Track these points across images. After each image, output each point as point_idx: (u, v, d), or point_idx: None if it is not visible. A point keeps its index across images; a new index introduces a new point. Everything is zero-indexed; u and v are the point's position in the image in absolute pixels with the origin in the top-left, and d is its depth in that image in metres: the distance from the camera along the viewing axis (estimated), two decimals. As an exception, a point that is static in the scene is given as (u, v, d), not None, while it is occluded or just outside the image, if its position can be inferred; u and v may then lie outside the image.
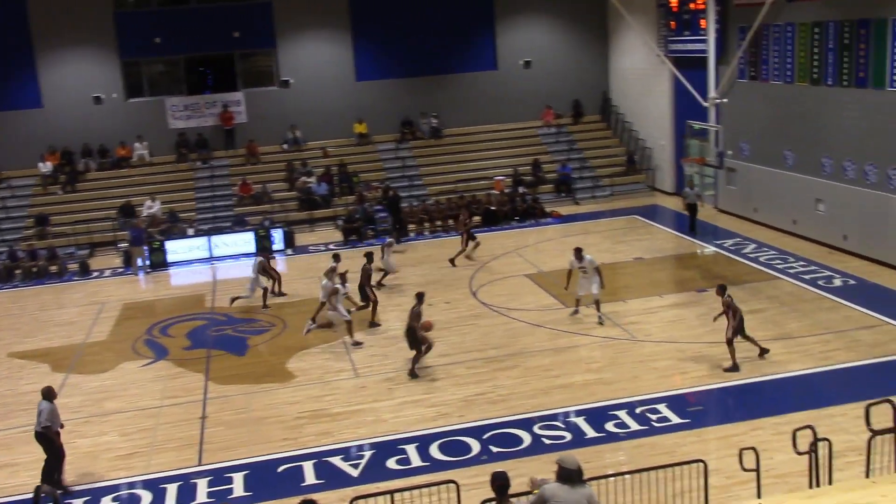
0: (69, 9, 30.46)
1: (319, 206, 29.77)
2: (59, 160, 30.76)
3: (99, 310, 21.66)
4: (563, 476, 7.86)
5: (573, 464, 7.89)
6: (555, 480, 7.93)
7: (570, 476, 7.83)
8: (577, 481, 7.85)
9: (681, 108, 29.28)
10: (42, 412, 12.53)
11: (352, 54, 32.78)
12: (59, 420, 12.72)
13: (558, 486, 7.84)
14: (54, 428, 12.59)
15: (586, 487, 7.90)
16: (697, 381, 14.92)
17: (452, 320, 19.01)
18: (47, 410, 12.55)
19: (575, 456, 8.00)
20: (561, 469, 7.89)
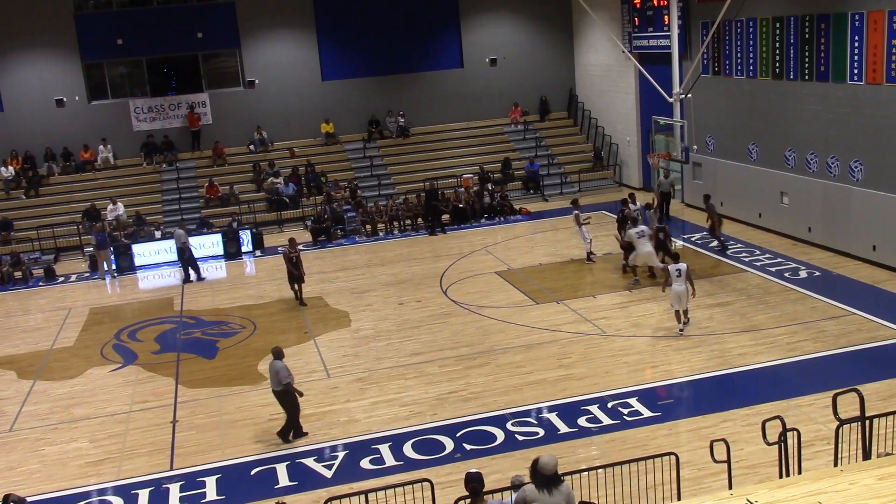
0: (28, 11, 30.03)
1: (287, 206, 29.63)
2: (21, 164, 30.34)
3: (65, 315, 21.40)
4: (541, 482, 7.80)
5: (551, 469, 7.81)
6: (531, 482, 7.87)
7: (546, 481, 7.78)
8: (556, 483, 7.82)
9: (646, 104, 29.51)
10: (280, 371, 13.32)
11: (317, 54, 32.65)
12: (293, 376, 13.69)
13: (535, 490, 7.78)
14: (293, 382, 13.59)
15: (563, 486, 7.89)
16: (668, 375, 15.05)
17: (424, 319, 19.02)
18: (284, 368, 13.40)
19: (553, 458, 7.93)
20: (539, 475, 7.81)
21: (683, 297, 16.59)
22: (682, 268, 16.64)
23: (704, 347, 16.05)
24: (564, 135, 34.28)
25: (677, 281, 16.55)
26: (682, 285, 16.54)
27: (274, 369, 13.44)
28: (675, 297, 16.64)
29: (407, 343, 17.61)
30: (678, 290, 16.55)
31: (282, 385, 13.39)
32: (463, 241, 25.99)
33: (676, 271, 16.59)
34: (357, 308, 20.16)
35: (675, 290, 16.61)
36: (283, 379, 13.36)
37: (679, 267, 16.65)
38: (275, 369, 13.43)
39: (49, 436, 14.59)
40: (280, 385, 13.39)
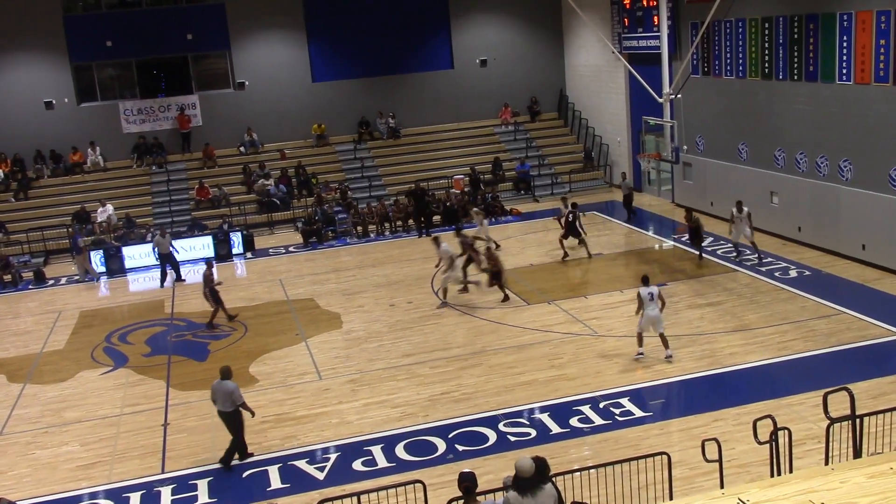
0: (17, 12, 29.91)
1: (278, 208, 29.58)
2: (10, 167, 30.21)
3: (56, 318, 21.31)
4: (520, 485, 7.72)
5: (528, 471, 7.73)
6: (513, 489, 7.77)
7: (527, 484, 7.71)
8: (537, 485, 7.75)
9: (636, 105, 29.58)
10: (234, 391, 12.87)
11: (307, 55, 32.61)
12: None
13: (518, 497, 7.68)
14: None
15: (546, 488, 7.83)
16: (659, 375, 15.08)
17: (415, 320, 19.01)
18: (237, 388, 12.98)
19: (530, 460, 7.85)
20: (517, 478, 7.74)
21: (658, 321, 15.49)
22: (653, 291, 15.45)
23: (695, 347, 16.09)
24: (555, 135, 34.33)
25: (650, 305, 15.36)
26: (656, 310, 15.42)
27: (227, 389, 12.83)
28: (649, 322, 15.47)
29: (399, 344, 17.60)
30: (652, 316, 15.41)
31: (235, 406, 12.84)
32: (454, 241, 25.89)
33: (648, 294, 15.37)
34: (348, 309, 20.14)
35: (648, 316, 15.42)
36: (237, 399, 12.83)
37: (651, 290, 15.45)
38: (228, 389, 12.83)
39: (40, 439, 14.53)
40: (233, 406, 12.83)
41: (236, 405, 12.91)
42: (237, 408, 12.92)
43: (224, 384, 12.90)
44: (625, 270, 21.82)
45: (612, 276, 21.20)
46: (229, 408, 12.88)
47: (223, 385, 12.90)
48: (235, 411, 12.91)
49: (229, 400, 12.85)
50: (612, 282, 20.64)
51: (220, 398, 12.91)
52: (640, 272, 20.63)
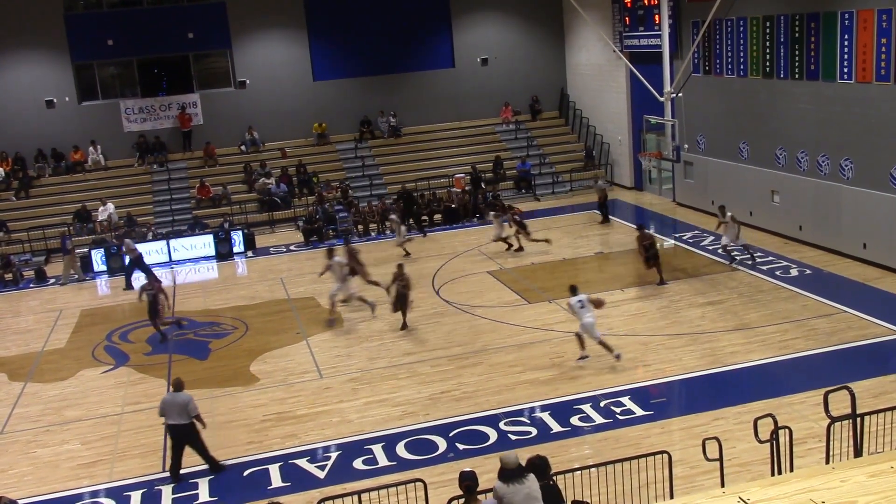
0: (18, 11, 29.91)
1: (279, 207, 29.59)
2: (11, 166, 30.21)
3: (56, 317, 21.31)
4: (505, 475, 8.08)
5: (513, 463, 8.11)
6: (498, 479, 8.13)
7: (511, 475, 8.06)
8: (521, 476, 8.07)
9: (637, 104, 29.56)
10: (189, 402, 12.47)
11: (308, 54, 32.61)
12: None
13: (504, 485, 8.05)
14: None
15: (526, 482, 8.08)
16: (660, 374, 15.08)
17: (416, 318, 19.00)
18: (192, 399, 12.59)
19: (514, 454, 8.19)
20: (503, 470, 8.11)
21: (592, 328, 15.33)
22: (583, 298, 15.33)
23: (696, 346, 16.09)
24: (556, 134, 34.32)
25: (582, 314, 15.29)
26: (588, 317, 15.30)
27: (182, 401, 12.40)
28: (584, 331, 15.44)
29: (399, 343, 17.61)
30: (586, 323, 15.34)
31: (189, 418, 12.42)
32: (455, 240, 25.99)
33: (578, 303, 15.26)
34: (349, 307, 20.12)
35: (583, 324, 15.40)
36: (192, 410, 12.41)
37: (580, 298, 15.35)
38: (183, 401, 12.40)
39: (41, 438, 14.54)
40: (189, 418, 12.39)
41: (191, 416, 12.45)
42: (191, 420, 12.46)
43: (178, 396, 12.49)
44: (625, 269, 21.80)
45: (612, 275, 21.20)
46: (185, 420, 12.38)
47: (177, 397, 12.47)
48: (190, 424, 12.44)
49: (184, 412, 12.37)
50: (613, 280, 20.63)
51: (174, 411, 12.38)
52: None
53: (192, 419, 12.49)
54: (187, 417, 12.44)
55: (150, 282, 19.10)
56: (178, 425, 12.42)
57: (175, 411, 12.41)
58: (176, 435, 12.51)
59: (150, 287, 18.96)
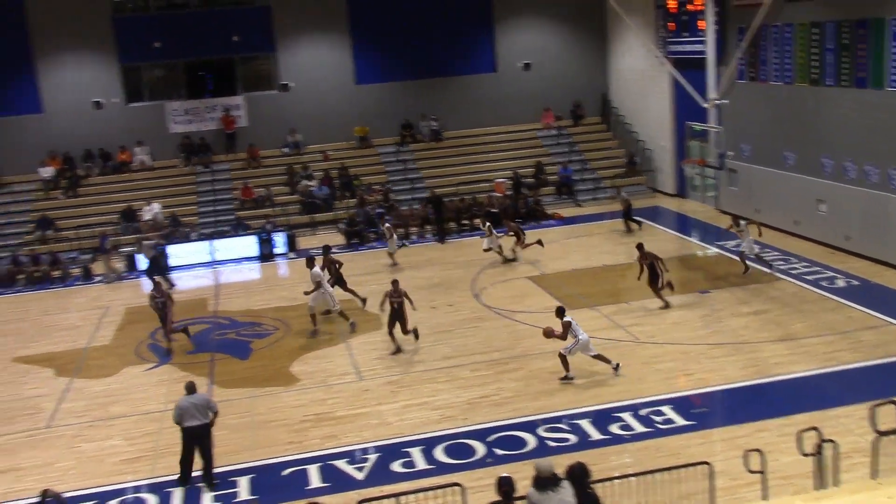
0: (68, 14, 30.48)
1: (321, 209, 29.80)
2: (61, 165, 30.79)
3: (102, 314, 21.64)
4: (539, 483, 8.09)
5: (548, 471, 8.12)
6: (532, 486, 8.14)
7: (545, 483, 8.08)
8: (554, 484, 8.08)
9: (681, 110, 29.33)
10: (209, 400, 12.66)
11: (351, 57, 32.82)
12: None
13: (537, 492, 8.09)
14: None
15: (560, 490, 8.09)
16: (702, 383, 14.93)
17: (455, 323, 19.03)
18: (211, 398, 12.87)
19: (549, 461, 8.24)
20: (537, 478, 8.12)
21: (588, 344, 15.26)
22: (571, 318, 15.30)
23: (739, 356, 15.90)
24: (598, 140, 34.15)
25: (578, 331, 15.22)
26: (585, 334, 15.29)
27: (201, 401, 12.53)
28: (583, 347, 15.28)
29: (439, 347, 17.63)
30: (584, 339, 15.26)
31: (212, 414, 12.52)
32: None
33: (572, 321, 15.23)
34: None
35: (582, 341, 15.26)
36: (213, 406, 12.58)
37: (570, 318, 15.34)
38: (203, 400, 12.57)
39: (85, 433, 14.80)
40: (207, 417, 12.43)
41: (214, 412, 12.56)
42: (209, 420, 12.47)
43: (194, 397, 12.54)
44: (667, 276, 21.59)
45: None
46: (206, 419, 12.40)
47: (194, 399, 12.51)
48: (209, 423, 12.47)
49: (205, 411, 12.43)
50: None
51: (194, 412, 12.36)
52: (685, 279, 20.59)
53: (207, 420, 12.44)
54: (207, 416, 12.46)
55: (158, 289, 18.89)
56: (200, 426, 12.41)
57: (195, 412, 12.40)
58: (196, 435, 12.43)
59: (159, 295, 18.77)
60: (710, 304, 18.99)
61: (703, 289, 20.00)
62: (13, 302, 23.98)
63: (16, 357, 19.13)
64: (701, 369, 15.48)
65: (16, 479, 13.28)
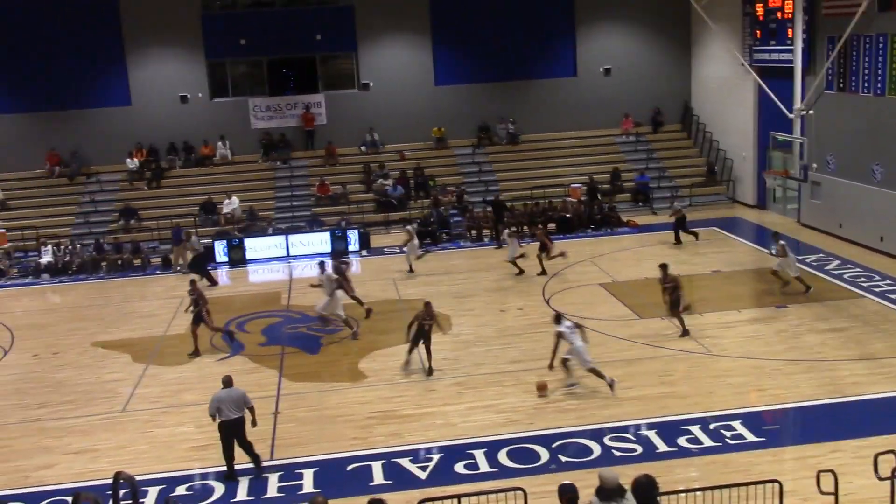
0: (159, 10, 31.37)
1: (395, 208, 30.01)
2: (146, 157, 31.68)
3: (179, 303, 22.15)
4: (603, 494, 8.04)
5: (613, 482, 8.06)
6: (595, 495, 8.08)
7: (610, 494, 8.02)
8: (619, 496, 8.01)
9: (764, 119, 28.67)
10: (245, 394, 12.84)
11: (431, 58, 32.98)
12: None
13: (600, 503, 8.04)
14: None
15: (625, 502, 8.02)
16: (775, 399, 14.55)
17: (525, 327, 18.93)
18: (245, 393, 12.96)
19: (614, 473, 8.15)
20: (601, 488, 8.07)
21: (585, 352, 14.97)
22: (570, 325, 15.12)
23: (815, 374, 15.45)
24: (677, 147, 33.61)
25: (574, 338, 14.93)
26: (581, 341, 14.97)
27: (238, 395, 12.74)
28: (581, 353, 14.98)
29: (507, 350, 17.57)
30: (580, 347, 14.96)
31: (243, 411, 12.71)
32: (568, 250, 25.70)
33: (568, 329, 15.00)
34: (458, 312, 20.22)
35: (577, 347, 14.97)
36: (248, 401, 12.78)
37: (569, 324, 15.15)
38: (239, 395, 12.75)
39: (158, 418, 15.18)
40: (242, 411, 12.68)
41: (249, 407, 12.79)
42: (243, 415, 12.69)
43: (232, 391, 12.77)
44: (744, 289, 21.17)
45: (730, 295, 20.56)
46: (240, 413, 12.65)
47: (232, 392, 12.75)
48: (243, 418, 12.68)
49: (241, 406, 12.69)
50: (730, 300, 20.02)
51: (231, 406, 12.62)
52: (762, 292, 20.11)
53: (242, 414, 12.68)
54: (242, 410, 12.69)
55: (193, 287, 18.95)
56: (234, 419, 12.63)
57: (231, 406, 12.64)
58: (232, 428, 12.64)
59: (193, 293, 18.72)
60: (787, 320, 18.50)
61: (781, 303, 19.50)
62: (95, 288, 24.76)
63: (95, 342, 19.74)
64: (774, 385, 15.09)
65: (91, 460, 13.71)
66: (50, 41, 31.06)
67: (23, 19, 30.86)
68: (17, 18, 30.84)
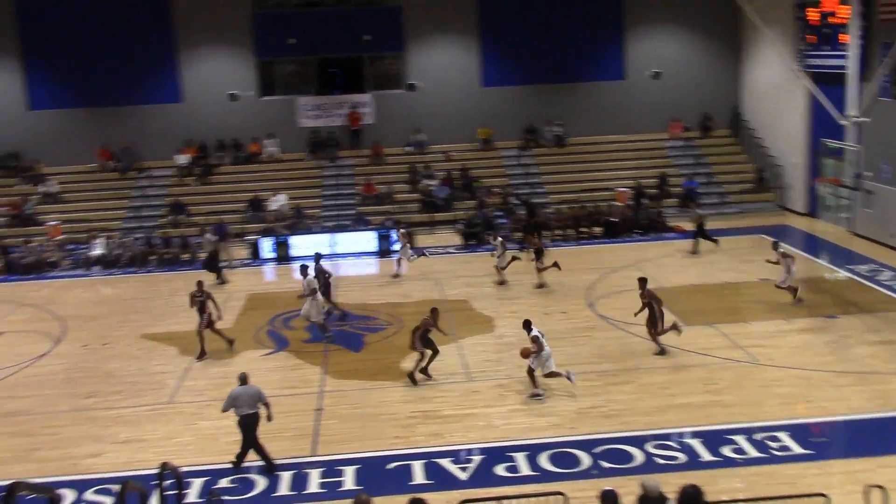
0: (211, 9, 31.82)
1: (440, 209, 30.06)
2: (196, 153, 32.12)
3: (225, 299, 22.36)
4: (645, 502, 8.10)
5: (654, 491, 8.09)
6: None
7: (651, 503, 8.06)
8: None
9: (816, 126, 28.24)
10: (261, 391, 13.13)
11: (478, 60, 33.00)
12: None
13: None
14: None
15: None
16: (823, 412, 14.31)
17: (568, 331, 18.85)
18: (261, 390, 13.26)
19: (656, 480, 8.15)
20: (643, 497, 8.10)
21: (550, 358, 15.31)
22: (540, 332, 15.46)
23: (866, 386, 15.16)
24: (726, 153, 33.21)
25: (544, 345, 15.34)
26: (548, 348, 15.37)
27: (254, 391, 13.04)
28: (548, 359, 15.31)
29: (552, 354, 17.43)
30: (548, 353, 15.33)
31: (257, 408, 13.01)
32: (614, 255, 25.60)
33: (541, 333, 15.39)
34: (502, 314, 20.20)
35: (546, 353, 15.34)
36: (264, 398, 13.06)
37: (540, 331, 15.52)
38: (255, 391, 13.06)
39: (203, 411, 15.37)
40: (256, 408, 12.99)
41: (265, 403, 13.05)
42: (257, 410, 13.00)
43: (249, 388, 13.06)
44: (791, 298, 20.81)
45: (778, 304, 20.23)
46: (255, 409, 12.97)
47: (248, 389, 13.04)
48: (257, 413, 13.00)
49: (256, 402, 12.99)
50: (778, 309, 19.71)
51: (246, 402, 12.94)
52: (812, 302, 19.79)
53: (257, 410, 12.98)
54: (256, 407, 12.99)
55: (200, 287, 18.76)
56: (250, 414, 12.96)
57: (247, 402, 12.95)
58: (245, 424, 12.97)
59: (200, 293, 18.49)
60: (837, 330, 18.18)
61: (831, 313, 19.17)
62: (144, 281, 25.16)
63: (144, 334, 20.06)
64: (823, 397, 14.84)
65: (138, 450, 13.94)
66: (106, 39, 31.69)
67: (81, 18, 31.50)
68: (75, 17, 31.49)
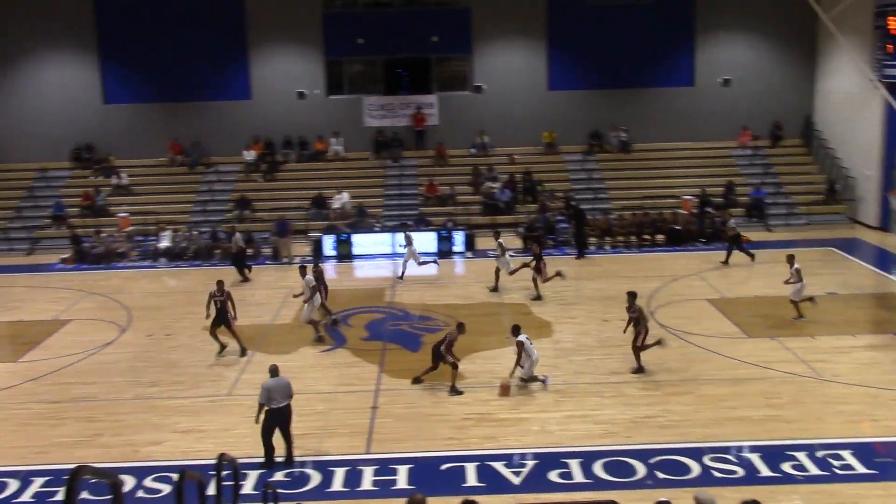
0: (282, 8, 32.29)
1: (502, 211, 30.00)
2: (262, 150, 32.62)
3: (287, 294, 22.68)
4: None
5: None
6: None
7: None
8: None
9: (892, 137, 27.48)
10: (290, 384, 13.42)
11: (545, 63, 32.87)
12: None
13: None
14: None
15: None
16: (889, 431, 13.89)
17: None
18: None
19: (711, 494, 7.99)
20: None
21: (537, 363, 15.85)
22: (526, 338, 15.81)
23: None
24: (796, 163, 32.50)
25: (532, 350, 15.73)
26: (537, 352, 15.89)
27: (286, 383, 13.28)
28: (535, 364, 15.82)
29: (607, 361, 17.33)
30: (537, 358, 15.82)
31: (290, 399, 13.25)
32: (676, 263, 25.24)
33: (528, 340, 15.78)
34: (560, 319, 20.09)
35: (535, 358, 15.78)
36: (291, 392, 13.31)
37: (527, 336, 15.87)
38: (287, 383, 13.30)
39: (261, 405, 15.56)
40: (289, 399, 13.23)
41: (291, 396, 13.27)
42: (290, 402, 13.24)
43: (281, 380, 13.29)
44: (861, 314, 20.31)
45: (845, 318, 19.75)
46: (289, 401, 13.20)
47: (280, 381, 13.27)
48: (290, 405, 13.24)
49: (288, 394, 13.22)
50: (845, 324, 19.24)
51: (281, 394, 13.16)
52: (881, 318, 19.21)
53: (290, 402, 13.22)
54: (290, 399, 13.22)
55: (220, 288, 18.47)
56: (284, 407, 13.17)
57: (281, 394, 13.17)
58: (282, 416, 13.18)
59: (220, 294, 18.33)
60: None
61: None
62: (209, 274, 25.42)
63: (206, 326, 20.36)
64: (890, 416, 14.41)
65: (197, 440, 14.20)
66: (178, 37, 32.37)
67: (156, 15, 32.23)
68: (150, 14, 32.24)
